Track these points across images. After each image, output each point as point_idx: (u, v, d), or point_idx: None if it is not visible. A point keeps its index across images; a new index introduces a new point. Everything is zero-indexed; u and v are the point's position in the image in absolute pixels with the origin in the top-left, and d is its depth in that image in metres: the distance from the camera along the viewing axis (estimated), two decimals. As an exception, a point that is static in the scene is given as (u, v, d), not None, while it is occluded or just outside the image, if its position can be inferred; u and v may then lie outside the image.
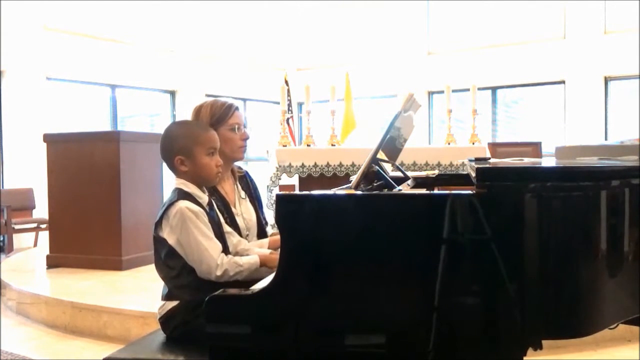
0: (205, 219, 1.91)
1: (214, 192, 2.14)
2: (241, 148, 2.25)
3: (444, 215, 1.42)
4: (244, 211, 2.27)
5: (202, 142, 1.95)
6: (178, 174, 1.98)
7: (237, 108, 2.26)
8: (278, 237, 2.17)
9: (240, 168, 2.40)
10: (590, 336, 1.54)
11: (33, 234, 7.46)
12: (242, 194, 2.32)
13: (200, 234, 1.87)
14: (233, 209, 2.22)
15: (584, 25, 9.56)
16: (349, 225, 1.47)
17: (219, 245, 1.91)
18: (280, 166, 4.99)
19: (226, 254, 1.95)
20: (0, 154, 8.04)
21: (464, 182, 2.34)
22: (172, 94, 10.29)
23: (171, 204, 1.90)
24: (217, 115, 2.19)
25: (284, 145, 5.23)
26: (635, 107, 8.97)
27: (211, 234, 1.90)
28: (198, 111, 2.23)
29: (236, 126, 2.22)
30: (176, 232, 1.88)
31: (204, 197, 1.98)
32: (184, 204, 1.89)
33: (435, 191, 2.37)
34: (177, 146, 1.95)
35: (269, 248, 2.16)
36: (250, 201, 2.34)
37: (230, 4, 11.06)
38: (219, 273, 1.86)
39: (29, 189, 7.68)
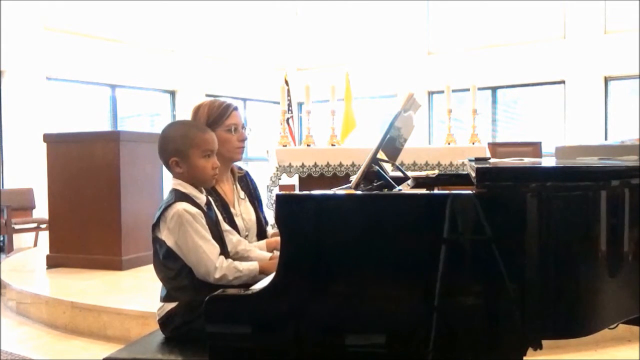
0: (203, 220, 1.90)
1: (212, 193, 2.13)
2: (238, 149, 2.23)
3: (444, 215, 1.42)
4: (243, 211, 2.26)
5: (198, 144, 1.93)
6: (174, 174, 1.97)
7: (235, 108, 2.23)
8: (277, 238, 2.17)
9: (240, 168, 2.39)
10: (590, 336, 1.54)
11: (33, 234, 7.46)
12: (242, 194, 2.30)
13: (198, 237, 1.86)
14: (232, 210, 2.21)
15: (584, 25, 9.56)
16: (349, 225, 1.47)
17: (217, 248, 1.90)
18: (280, 166, 4.99)
19: (225, 255, 1.94)
20: (0, 154, 8.04)
21: (464, 182, 2.34)
22: (172, 94, 10.29)
23: (168, 205, 1.89)
24: (214, 116, 2.16)
25: (284, 145, 5.23)
26: (635, 107, 8.97)
27: (209, 235, 1.89)
28: (196, 111, 2.21)
29: (233, 127, 2.19)
30: (174, 234, 1.87)
31: (202, 197, 1.98)
32: (181, 205, 1.88)
33: (435, 191, 2.37)
34: (172, 147, 1.93)
35: (267, 250, 2.15)
36: (250, 201, 2.33)
37: (230, 4, 11.06)
38: (217, 276, 1.86)
39: (29, 189, 7.68)
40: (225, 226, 2.07)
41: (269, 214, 2.64)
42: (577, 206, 1.45)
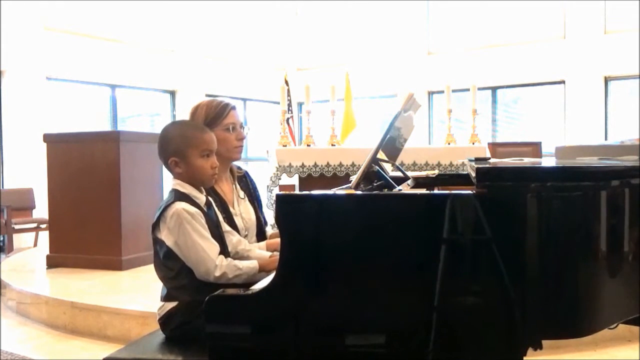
0: (203, 220, 1.90)
1: (211, 193, 2.13)
2: (237, 148, 2.22)
3: (444, 215, 1.42)
4: (242, 211, 2.25)
5: (196, 144, 1.93)
6: (174, 174, 1.98)
7: (233, 107, 2.23)
8: (276, 240, 2.17)
9: (239, 168, 2.39)
10: (590, 336, 1.54)
11: (33, 234, 7.45)
12: (241, 194, 2.30)
13: (197, 236, 1.86)
14: (231, 209, 2.20)
15: (584, 25, 9.56)
16: (349, 225, 1.47)
17: (217, 247, 1.90)
18: (280, 166, 4.99)
19: (225, 255, 1.94)
20: (0, 154, 8.04)
21: (464, 182, 2.34)
22: (172, 94, 10.29)
23: (168, 205, 1.90)
24: (212, 116, 2.16)
25: (284, 145, 5.23)
26: (635, 107, 8.97)
27: (208, 235, 1.89)
28: (194, 111, 2.21)
29: (231, 126, 2.18)
30: (174, 233, 1.88)
31: (201, 197, 1.98)
32: (180, 205, 1.88)
33: (435, 191, 2.37)
34: (171, 148, 1.94)
35: (267, 250, 2.15)
36: (250, 201, 2.33)
37: (230, 4, 11.06)
38: (217, 274, 1.86)
39: (29, 189, 7.68)
40: (225, 227, 2.07)
41: (269, 214, 2.64)
42: (577, 206, 1.45)
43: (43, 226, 7.05)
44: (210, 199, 2.05)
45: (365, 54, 11.57)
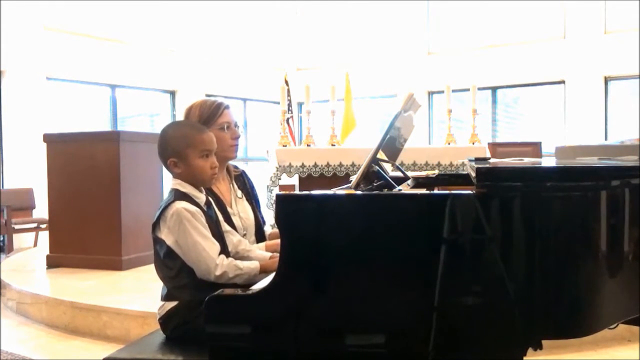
0: (203, 219, 1.90)
1: (208, 193, 2.13)
2: (232, 147, 2.23)
3: (444, 215, 1.42)
4: (240, 210, 2.25)
5: (195, 144, 1.93)
6: (174, 174, 1.98)
7: (227, 107, 2.24)
8: (276, 241, 2.17)
9: (236, 167, 2.39)
10: (590, 336, 1.54)
11: (33, 234, 7.46)
12: (239, 193, 2.30)
13: (198, 235, 1.86)
14: (229, 209, 2.20)
15: (584, 25, 9.57)
16: (349, 225, 1.47)
17: (217, 246, 1.90)
18: (280, 166, 4.99)
19: (226, 254, 1.94)
20: (0, 154, 8.04)
21: (464, 182, 2.34)
22: (172, 94, 10.29)
23: (168, 204, 1.90)
24: (206, 115, 2.17)
25: (284, 145, 5.23)
26: (635, 107, 8.97)
27: (209, 234, 1.89)
28: (188, 111, 2.22)
29: (225, 125, 2.20)
30: (174, 233, 1.88)
31: (202, 197, 1.98)
32: (180, 204, 1.88)
33: (435, 191, 2.37)
34: (170, 148, 1.94)
35: (267, 250, 2.15)
36: (247, 200, 2.33)
37: (230, 4, 11.06)
38: (218, 273, 1.86)
39: (29, 189, 7.68)
40: (225, 226, 2.07)
41: (269, 214, 2.64)
42: (576, 206, 1.45)
43: (43, 226, 7.05)
44: (209, 198, 2.05)
45: (365, 54, 11.58)
